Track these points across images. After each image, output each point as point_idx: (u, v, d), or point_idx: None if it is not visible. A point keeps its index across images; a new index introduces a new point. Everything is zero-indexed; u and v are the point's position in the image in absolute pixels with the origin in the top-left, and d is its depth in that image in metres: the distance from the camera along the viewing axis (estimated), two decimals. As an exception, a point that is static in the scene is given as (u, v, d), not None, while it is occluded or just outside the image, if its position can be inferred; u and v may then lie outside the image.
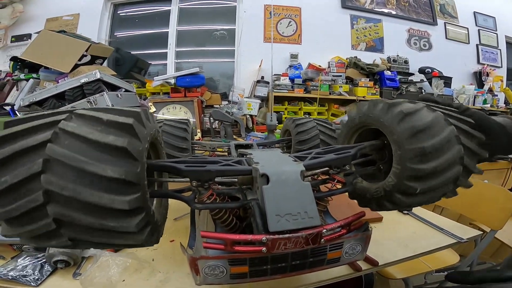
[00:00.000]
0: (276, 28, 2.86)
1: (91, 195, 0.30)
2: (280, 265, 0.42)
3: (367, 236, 0.46)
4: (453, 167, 0.42)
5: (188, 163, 0.41)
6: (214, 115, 1.91)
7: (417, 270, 1.26)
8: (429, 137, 0.42)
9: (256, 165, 0.43)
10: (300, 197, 0.39)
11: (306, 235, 0.37)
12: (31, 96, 1.66)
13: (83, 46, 2.01)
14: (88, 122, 0.33)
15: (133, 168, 0.32)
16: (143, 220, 0.33)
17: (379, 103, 0.49)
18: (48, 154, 0.30)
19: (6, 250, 0.74)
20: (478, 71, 3.37)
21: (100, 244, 0.34)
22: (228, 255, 0.40)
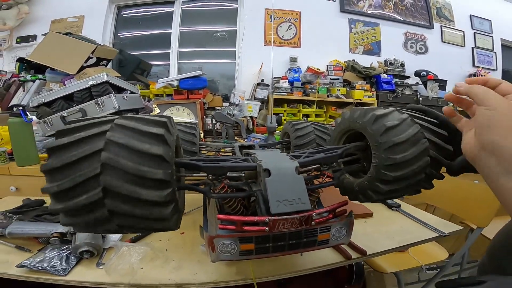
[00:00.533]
0: (276, 31, 2.93)
1: (138, 192, 0.39)
2: (279, 243, 0.51)
3: (351, 222, 0.55)
4: (421, 158, 0.50)
5: (205, 161, 0.50)
6: (216, 117, 1.98)
7: (408, 265, 1.34)
8: (398, 133, 0.50)
9: (260, 162, 0.53)
10: (295, 187, 0.49)
11: (299, 217, 0.46)
12: (40, 97, 1.69)
13: (89, 48, 2.05)
14: (128, 132, 0.42)
15: (167, 169, 0.41)
16: (173, 209, 0.42)
17: (358, 110, 0.59)
18: (103, 160, 0.39)
19: (32, 244, 0.80)
20: (473, 74, 3.44)
21: (140, 228, 0.43)
22: (238, 234, 0.49)
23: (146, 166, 0.40)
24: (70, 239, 0.78)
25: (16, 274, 0.69)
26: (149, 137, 0.42)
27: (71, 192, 0.39)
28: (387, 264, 1.35)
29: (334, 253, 0.82)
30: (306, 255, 0.80)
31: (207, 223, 0.58)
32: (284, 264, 0.77)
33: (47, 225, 0.82)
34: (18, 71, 2.32)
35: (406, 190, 0.54)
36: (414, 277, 1.59)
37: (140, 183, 0.40)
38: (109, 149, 0.39)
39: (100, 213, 0.40)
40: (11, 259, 0.74)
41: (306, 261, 0.78)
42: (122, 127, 0.42)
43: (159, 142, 0.42)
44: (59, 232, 0.80)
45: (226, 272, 0.73)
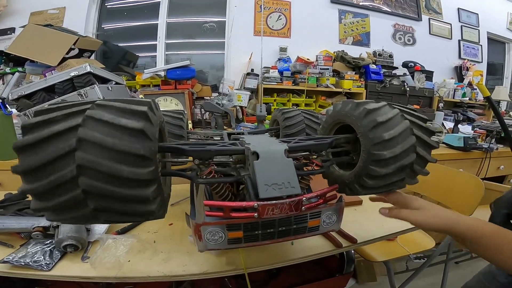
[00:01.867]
0: (266, 21, 2.89)
1: (116, 168, 0.36)
2: (269, 230, 0.50)
3: (341, 207, 0.54)
4: (409, 154, 0.50)
5: (191, 145, 0.48)
6: (205, 107, 1.95)
7: (397, 253, 1.36)
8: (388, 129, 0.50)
9: (248, 145, 0.51)
10: (284, 170, 0.47)
11: (289, 202, 0.45)
12: (20, 90, 1.65)
13: (71, 39, 2.00)
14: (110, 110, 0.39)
15: (150, 147, 0.38)
16: (156, 191, 0.39)
17: (349, 103, 0.58)
18: (79, 135, 0.36)
19: (14, 239, 0.77)
20: (459, 66, 3.50)
21: (118, 213, 0.40)
22: (226, 221, 0.47)
23: (127, 165, 0.37)
24: (53, 233, 0.75)
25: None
26: (132, 113, 0.39)
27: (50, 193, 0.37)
28: (376, 253, 1.37)
29: (324, 242, 0.82)
30: (297, 244, 0.80)
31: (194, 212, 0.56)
32: (275, 253, 0.76)
33: (28, 219, 0.79)
34: None
35: (391, 185, 0.54)
36: (402, 266, 1.62)
37: (121, 184, 0.37)
38: (83, 149, 0.36)
39: (73, 194, 0.37)
40: (-6, 255, 0.70)
41: (297, 250, 0.78)
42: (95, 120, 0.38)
43: (141, 118, 0.39)
44: (41, 226, 0.76)
45: (216, 262, 0.72)
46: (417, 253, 1.39)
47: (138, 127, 0.38)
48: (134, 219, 0.41)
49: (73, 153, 0.36)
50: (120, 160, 0.37)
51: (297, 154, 0.57)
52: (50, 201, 0.37)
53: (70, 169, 0.35)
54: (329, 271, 1.22)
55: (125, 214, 0.39)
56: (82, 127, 0.37)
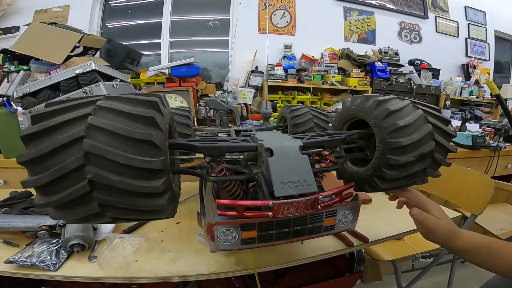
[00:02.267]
0: (271, 19, 2.87)
1: (124, 156, 0.35)
2: (283, 230, 0.48)
3: (357, 205, 0.52)
4: (427, 141, 0.48)
5: (202, 142, 0.46)
6: (209, 104, 1.94)
7: (404, 252, 1.34)
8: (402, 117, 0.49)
9: (260, 141, 0.49)
10: (300, 168, 0.45)
11: (305, 200, 0.43)
12: (25, 87, 1.65)
13: (76, 37, 1.99)
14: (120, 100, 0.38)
15: (160, 135, 0.37)
16: (165, 183, 0.38)
17: (358, 97, 0.57)
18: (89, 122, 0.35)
19: (20, 238, 0.76)
20: (466, 64, 3.46)
21: (125, 209, 0.38)
22: (240, 220, 0.45)
23: (136, 154, 0.35)
24: (59, 232, 0.74)
25: (4, 270, 0.65)
26: (142, 103, 0.38)
27: (54, 185, 0.35)
28: (383, 252, 1.35)
29: (335, 241, 0.80)
30: (307, 243, 0.78)
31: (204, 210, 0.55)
32: (285, 253, 0.75)
33: (34, 218, 0.77)
34: (2, 63, 2.23)
35: (413, 176, 0.51)
36: (408, 265, 1.60)
37: (130, 174, 0.35)
38: (91, 136, 0.35)
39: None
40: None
41: (307, 249, 0.76)
42: (105, 109, 0.37)
43: (152, 107, 0.37)
44: (47, 225, 0.75)
45: (225, 262, 0.70)
46: (425, 252, 1.37)
47: (149, 115, 0.37)
48: (142, 215, 0.40)
49: (81, 140, 0.34)
50: (129, 148, 0.35)
51: (310, 150, 0.55)
52: (54, 195, 0.35)
53: (77, 157, 0.34)
54: (338, 270, 1.21)
55: (132, 209, 0.38)
56: (92, 116, 0.36)
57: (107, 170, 0.34)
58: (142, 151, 0.36)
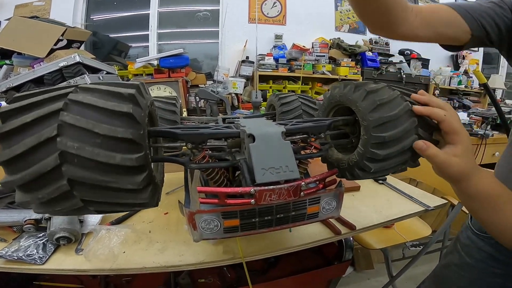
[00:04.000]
0: (261, 9, 2.83)
1: (102, 155, 0.34)
2: (266, 218, 0.48)
3: (341, 193, 0.52)
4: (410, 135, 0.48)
5: (183, 129, 0.45)
6: (199, 94, 1.92)
7: (394, 241, 1.37)
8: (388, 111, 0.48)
9: (243, 127, 0.48)
10: (282, 153, 0.45)
11: (288, 187, 0.42)
12: (8, 82, 1.63)
13: (59, 30, 1.96)
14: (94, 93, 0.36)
15: (138, 131, 0.36)
16: (146, 178, 0.37)
17: (348, 84, 0.56)
18: (61, 120, 0.33)
19: (7, 233, 0.75)
20: (455, 54, 3.47)
21: (108, 203, 0.37)
22: (221, 208, 0.45)
23: (114, 151, 0.34)
24: (45, 225, 0.73)
25: None
26: (119, 97, 0.36)
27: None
28: (374, 240, 1.37)
29: (323, 229, 0.81)
30: (295, 232, 0.79)
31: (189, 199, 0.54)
32: (273, 241, 0.75)
33: (20, 212, 0.76)
34: None
35: (393, 168, 0.51)
36: (398, 253, 1.63)
37: (108, 171, 0.34)
38: (65, 134, 0.33)
39: (58, 184, 0.34)
40: (-15, 250, 0.68)
41: (295, 238, 0.77)
42: (78, 104, 0.35)
43: (128, 101, 0.36)
44: (33, 219, 0.74)
45: (213, 251, 0.71)
46: (414, 240, 1.39)
47: (125, 110, 0.35)
48: (126, 208, 0.39)
49: (55, 139, 0.33)
50: (106, 146, 0.34)
51: (295, 137, 0.54)
52: (34, 193, 0.34)
53: (53, 157, 0.33)
54: (328, 259, 1.22)
55: (115, 204, 0.37)
56: (63, 111, 0.34)
57: (85, 168, 0.33)
58: (120, 147, 0.35)
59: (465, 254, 0.70)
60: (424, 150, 0.47)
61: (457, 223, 1.31)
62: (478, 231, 0.67)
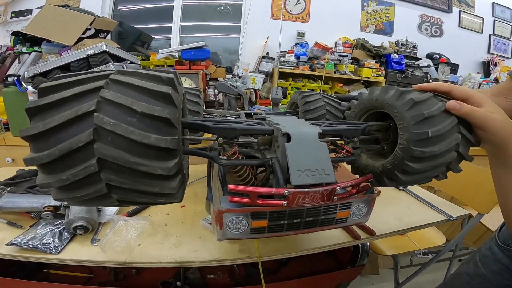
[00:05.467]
0: (284, 5, 2.80)
1: (137, 133, 0.32)
2: (295, 220, 0.45)
3: (373, 199, 0.49)
4: (453, 133, 0.45)
5: (215, 122, 0.43)
6: (218, 88, 1.91)
7: (406, 248, 1.32)
8: (427, 108, 0.45)
9: (277, 125, 0.46)
10: (318, 155, 0.42)
11: (322, 191, 0.40)
12: (36, 68, 1.67)
13: (88, 19, 2.00)
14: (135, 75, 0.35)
15: (175, 113, 0.35)
16: (177, 165, 0.35)
17: (377, 89, 0.53)
18: (101, 96, 0.33)
19: (24, 219, 0.75)
20: (487, 61, 3.32)
21: (134, 191, 0.36)
22: (252, 208, 0.42)
23: (149, 131, 0.33)
24: (63, 213, 0.73)
25: (5, 253, 0.64)
26: (157, 79, 0.35)
27: (59, 163, 0.32)
28: (385, 246, 1.33)
29: (341, 232, 0.78)
30: (312, 234, 0.76)
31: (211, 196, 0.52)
32: (289, 242, 0.73)
33: (39, 198, 0.76)
34: (13, 44, 2.25)
35: (436, 170, 0.48)
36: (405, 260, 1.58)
37: (141, 152, 0.33)
38: (103, 110, 0.32)
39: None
40: (2, 236, 0.68)
41: (312, 240, 0.74)
42: (119, 83, 0.34)
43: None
44: (51, 206, 0.74)
45: (229, 249, 0.69)
46: (426, 249, 1.34)
47: (164, 91, 0.34)
48: (151, 199, 0.37)
49: (91, 114, 0.32)
50: (142, 125, 0.33)
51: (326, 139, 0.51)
52: (59, 174, 0.33)
53: (87, 132, 0.31)
54: (341, 262, 1.19)
55: (141, 191, 0.35)
56: (104, 89, 0.33)
57: (118, 147, 0.32)
58: (156, 128, 0.33)
59: (481, 265, 0.70)
60: (459, 109, 0.44)
61: (471, 234, 1.25)
62: (502, 243, 0.67)
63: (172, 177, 0.36)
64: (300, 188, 0.40)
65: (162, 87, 0.35)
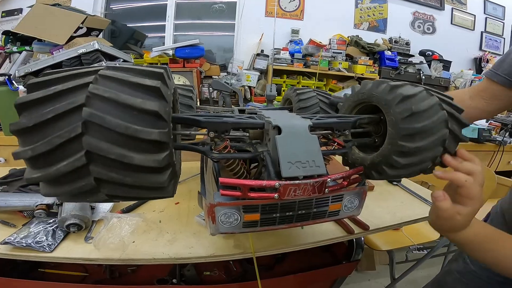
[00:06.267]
0: (279, 3, 2.80)
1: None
2: (287, 213, 0.45)
3: (364, 191, 0.49)
4: (441, 128, 0.46)
5: (206, 116, 0.43)
6: (213, 85, 1.91)
7: (401, 243, 1.34)
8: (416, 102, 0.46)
9: (268, 119, 0.46)
10: (308, 147, 0.43)
11: (313, 183, 0.40)
12: (27, 67, 1.65)
13: (79, 18, 1.99)
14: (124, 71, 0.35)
15: (164, 106, 0.35)
16: (167, 158, 0.35)
17: (369, 82, 0.53)
18: (89, 91, 0.33)
19: (17, 218, 0.74)
20: (479, 57, 3.37)
21: (123, 186, 0.36)
22: (244, 202, 0.43)
23: (138, 124, 0.33)
24: (56, 211, 0.72)
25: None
26: (146, 74, 0.35)
27: (48, 157, 0.32)
28: (381, 241, 1.34)
29: (335, 227, 0.78)
30: (307, 228, 0.77)
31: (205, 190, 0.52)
32: (284, 237, 0.73)
33: (32, 196, 0.75)
34: (4, 44, 2.23)
35: (422, 164, 0.49)
36: (401, 256, 1.60)
37: (131, 146, 0.33)
38: (92, 105, 0.32)
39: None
40: (-5, 236, 0.67)
41: (307, 235, 0.75)
42: (108, 78, 0.34)
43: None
44: (44, 204, 0.73)
45: (224, 245, 0.69)
46: (421, 244, 1.36)
47: (154, 85, 0.34)
48: (141, 194, 0.37)
49: (80, 108, 0.32)
50: (132, 119, 0.33)
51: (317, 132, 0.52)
52: (46, 168, 0.33)
53: (75, 126, 0.31)
54: (336, 257, 1.20)
55: (130, 185, 0.35)
56: (93, 84, 0.33)
57: (107, 140, 0.32)
58: (146, 121, 0.33)
59: (470, 262, 0.71)
60: (440, 201, 0.48)
61: None
62: None
63: (162, 170, 0.36)
64: (291, 181, 0.40)
65: (151, 81, 0.35)
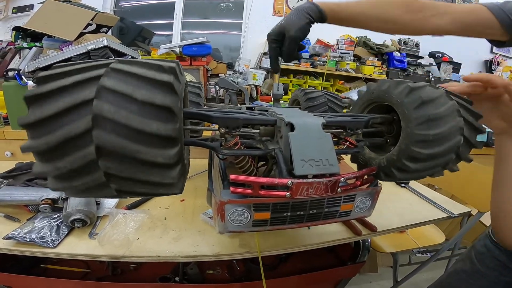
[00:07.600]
0: (287, 2, 2.78)
1: (138, 121, 0.32)
2: (298, 213, 0.44)
3: (377, 192, 0.48)
4: (455, 136, 0.44)
5: (216, 112, 0.42)
6: (220, 83, 1.90)
7: (406, 246, 1.32)
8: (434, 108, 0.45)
9: (280, 115, 0.45)
10: (322, 146, 0.41)
11: (326, 181, 0.39)
12: (37, 62, 1.67)
13: (89, 15, 2.01)
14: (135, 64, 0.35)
15: (176, 102, 0.34)
16: (178, 154, 0.35)
17: (387, 82, 0.52)
18: (100, 84, 0.32)
19: (22, 212, 0.74)
20: (490, 60, 3.31)
21: (132, 181, 0.35)
22: (254, 199, 0.42)
23: (150, 119, 0.32)
24: (61, 206, 0.71)
25: (1, 247, 0.62)
26: (158, 68, 0.34)
27: (57, 150, 0.32)
28: (385, 243, 1.32)
29: (342, 228, 0.77)
30: (314, 229, 0.75)
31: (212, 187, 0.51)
32: (290, 237, 0.72)
33: (37, 190, 0.75)
34: (14, 40, 2.25)
35: (432, 170, 0.47)
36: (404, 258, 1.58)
37: (141, 140, 0.32)
38: (103, 98, 0.31)
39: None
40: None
41: (313, 235, 0.74)
42: (120, 72, 0.34)
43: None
44: (49, 199, 0.72)
45: (229, 244, 0.68)
46: (426, 247, 1.34)
47: (166, 80, 0.33)
48: (150, 189, 0.36)
49: (90, 102, 0.31)
50: (142, 112, 0.32)
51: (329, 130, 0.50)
52: (55, 162, 0.32)
53: (85, 119, 0.31)
54: (341, 258, 1.18)
55: (139, 181, 0.34)
56: (104, 77, 0.32)
57: (117, 135, 0.31)
58: (157, 116, 0.33)
59: (477, 262, 0.70)
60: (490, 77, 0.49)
61: (470, 233, 1.26)
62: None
63: (173, 166, 0.35)
64: (304, 179, 0.39)
65: (164, 75, 0.34)
